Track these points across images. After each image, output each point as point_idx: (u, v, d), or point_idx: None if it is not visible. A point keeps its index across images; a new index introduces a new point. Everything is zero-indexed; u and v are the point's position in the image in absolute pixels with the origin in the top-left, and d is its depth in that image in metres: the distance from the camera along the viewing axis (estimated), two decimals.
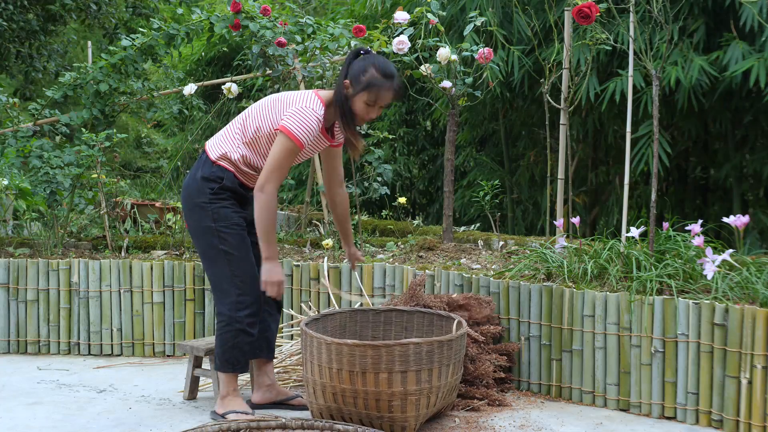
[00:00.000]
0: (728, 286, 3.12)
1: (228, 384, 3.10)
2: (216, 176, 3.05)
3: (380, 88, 2.94)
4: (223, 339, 3.06)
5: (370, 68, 2.94)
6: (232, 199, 3.08)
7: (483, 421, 3.09)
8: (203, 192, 3.04)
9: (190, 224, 3.10)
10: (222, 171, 3.05)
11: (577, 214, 6.19)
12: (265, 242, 2.96)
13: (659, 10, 3.62)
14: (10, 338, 4.23)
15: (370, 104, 2.96)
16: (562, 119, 4.13)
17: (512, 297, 3.54)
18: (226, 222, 3.04)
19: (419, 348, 2.85)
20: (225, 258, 3.03)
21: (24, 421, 3.14)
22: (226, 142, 3.08)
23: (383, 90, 2.95)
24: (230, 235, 3.04)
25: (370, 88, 2.93)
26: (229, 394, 3.09)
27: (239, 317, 3.03)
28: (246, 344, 3.07)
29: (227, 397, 3.09)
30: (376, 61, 2.97)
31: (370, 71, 2.94)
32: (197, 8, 6.80)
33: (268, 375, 3.30)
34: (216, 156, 3.07)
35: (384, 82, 2.94)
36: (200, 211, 3.05)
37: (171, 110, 5.66)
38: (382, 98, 2.97)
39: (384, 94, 2.96)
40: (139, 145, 13.58)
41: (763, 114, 5.29)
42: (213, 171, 3.05)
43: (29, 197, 5.49)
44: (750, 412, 2.90)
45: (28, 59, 8.92)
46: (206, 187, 3.05)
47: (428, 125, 8.21)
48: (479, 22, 4.58)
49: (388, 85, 2.95)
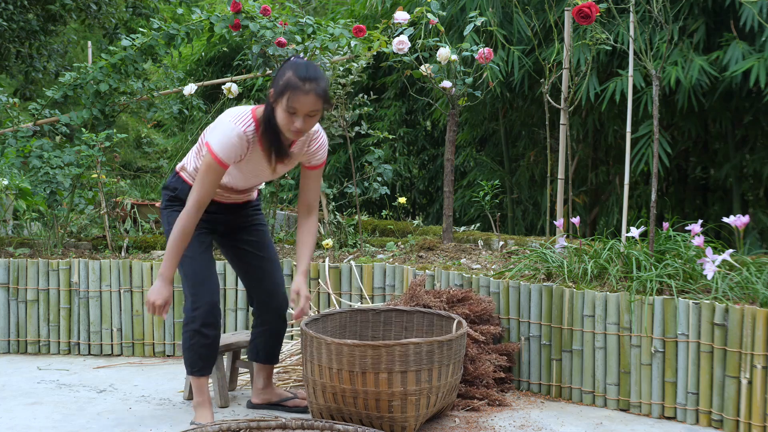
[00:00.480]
0: (728, 286, 3.12)
1: (196, 390, 3.06)
2: (172, 185, 3.07)
3: (295, 91, 2.64)
4: (182, 340, 3.06)
5: (288, 71, 2.69)
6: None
7: (483, 421, 3.09)
8: (163, 199, 3.11)
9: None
10: (179, 182, 3.06)
11: (577, 214, 6.19)
12: (165, 257, 2.83)
13: (659, 10, 3.62)
14: (10, 338, 4.23)
15: (290, 112, 2.68)
16: (562, 119, 4.13)
17: (512, 297, 3.54)
18: None
19: (419, 348, 2.85)
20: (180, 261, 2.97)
21: (24, 421, 3.14)
22: (190, 153, 3.07)
23: (299, 94, 2.64)
24: None
25: (284, 92, 2.66)
26: (198, 403, 3.04)
27: (193, 317, 2.97)
28: (201, 347, 3.00)
29: (197, 406, 3.05)
30: (297, 64, 2.71)
31: (287, 74, 2.68)
32: (197, 8, 6.80)
33: (263, 379, 3.27)
34: (179, 167, 3.10)
35: (299, 84, 2.64)
36: (162, 218, 3.11)
37: (171, 110, 5.67)
38: (299, 103, 2.65)
39: (301, 98, 2.65)
40: (139, 145, 13.58)
41: (763, 114, 5.29)
42: (171, 180, 3.09)
43: (29, 197, 5.49)
44: (750, 412, 2.90)
45: (28, 59, 8.92)
46: (164, 194, 3.10)
47: (428, 125, 8.21)
48: (479, 22, 4.58)
49: (305, 88, 2.64)
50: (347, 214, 5.51)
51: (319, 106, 2.70)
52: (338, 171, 8.00)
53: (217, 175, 2.79)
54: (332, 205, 5.50)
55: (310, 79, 2.66)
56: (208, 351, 3.02)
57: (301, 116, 2.69)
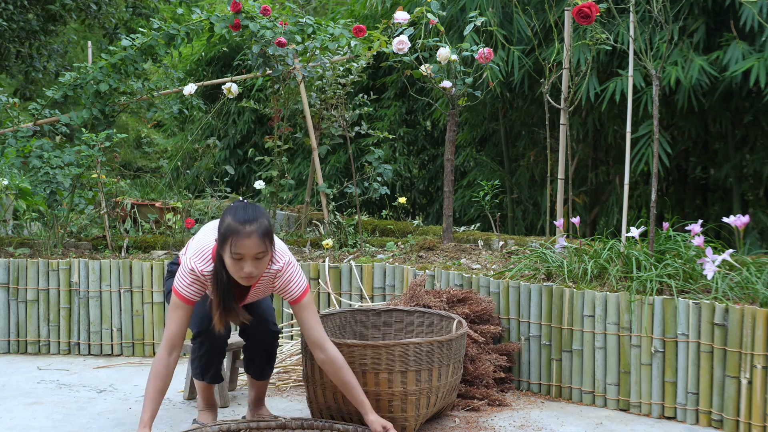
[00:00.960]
0: (728, 286, 3.12)
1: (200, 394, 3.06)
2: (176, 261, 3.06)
3: (235, 236, 2.55)
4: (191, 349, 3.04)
5: (228, 217, 2.61)
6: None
7: (483, 421, 3.09)
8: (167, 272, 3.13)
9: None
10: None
11: (577, 214, 6.19)
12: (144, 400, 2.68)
13: (659, 10, 3.62)
14: (10, 338, 4.23)
15: (236, 258, 2.58)
16: (562, 119, 4.13)
17: (512, 297, 3.54)
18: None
19: (419, 348, 2.85)
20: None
21: (24, 421, 3.14)
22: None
23: (240, 237, 2.55)
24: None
25: (227, 238, 2.58)
26: (201, 408, 3.06)
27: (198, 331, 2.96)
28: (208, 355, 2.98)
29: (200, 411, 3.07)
30: (235, 208, 2.63)
31: (226, 220, 2.60)
32: (197, 8, 6.80)
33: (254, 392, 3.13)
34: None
35: (239, 228, 2.56)
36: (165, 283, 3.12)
37: (171, 110, 5.66)
38: (242, 247, 2.56)
39: (242, 241, 2.56)
40: (139, 145, 13.58)
41: (763, 114, 5.29)
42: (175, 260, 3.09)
43: (29, 197, 5.49)
44: (750, 412, 2.90)
45: (28, 59, 8.92)
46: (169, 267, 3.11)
47: (428, 125, 8.21)
48: (479, 22, 4.58)
49: (246, 231, 2.55)
50: (347, 214, 5.51)
51: (264, 247, 2.60)
52: (338, 171, 8.00)
53: (185, 312, 2.71)
54: (332, 204, 5.50)
55: (249, 221, 2.58)
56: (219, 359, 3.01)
57: (248, 260, 2.60)
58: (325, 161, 7.87)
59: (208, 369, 2.99)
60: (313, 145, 5.23)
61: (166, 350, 2.69)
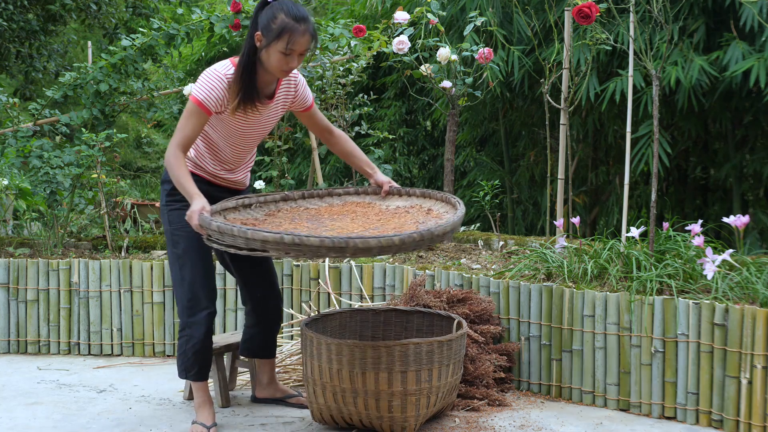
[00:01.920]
0: (728, 286, 3.12)
1: (196, 392, 3.08)
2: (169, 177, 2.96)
3: (293, 33, 2.72)
4: (178, 344, 3.06)
5: (280, 14, 2.73)
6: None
7: (483, 421, 3.09)
8: (162, 195, 3.05)
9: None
10: None
11: (577, 214, 6.19)
12: (180, 191, 2.78)
13: (659, 10, 3.62)
14: (10, 338, 4.23)
15: (286, 53, 2.74)
16: (562, 119, 4.13)
17: (512, 297, 3.54)
18: (178, 224, 2.96)
19: (419, 348, 2.85)
20: (177, 262, 2.99)
21: (24, 421, 3.14)
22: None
23: (296, 34, 2.72)
24: (181, 238, 2.97)
25: (282, 34, 2.72)
26: (200, 405, 3.06)
27: (189, 323, 2.98)
28: (196, 352, 3.00)
29: (199, 407, 3.06)
30: (284, 5, 2.76)
31: (279, 17, 2.73)
32: (197, 8, 6.80)
33: (266, 373, 3.34)
34: None
35: (296, 26, 2.72)
36: (162, 215, 3.06)
37: (171, 110, 5.67)
38: (297, 44, 2.74)
39: (298, 39, 2.73)
40: (139, 145, 13.58)
41: (763, 114, 5.29)
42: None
43: (29, 197, 5.49)
44: (750, 412, 2.90)
45: (28, 59, 8.91)
46: (163, 189, 3.04)
47: (428, 125, 8.21)
48: (479, 22, 4.58)
49: (302, 29, 2.73)
50: None
51: (312, 45, 2.81)
52: (338, 171, 8.00)
53: (199, 120, 2.78)
54: None
55: (305, 19, 2.75)
56: (203, 356, 3.04)
57: (296, 56, 2.77)
58: (325, 161, 7.87)
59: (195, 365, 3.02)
60: (313, 145, 5.23)
61: (180, 149, 2.76)
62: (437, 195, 3.01)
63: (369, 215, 2.94)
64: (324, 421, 3.02)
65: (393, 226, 2.75)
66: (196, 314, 2.96)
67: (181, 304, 2.99)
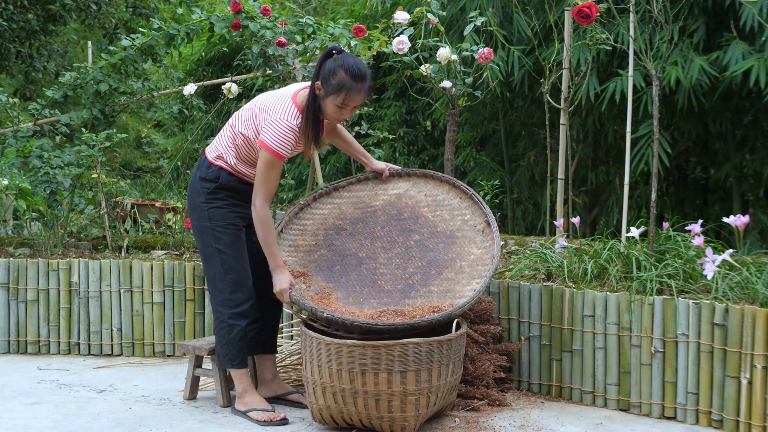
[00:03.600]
0: (728, 286, 3.12)
1: (240, 380, 3.20)
2: (212, 176, 3.17)
3: (349, 91, 2.97)
4: (219, 336, 3.19)
5: (340, 71, 2.96)
6: (230, 198, 3.18)
7: (483, 421, 3.09)
8: (200, 192, 3.18)
9: (192, 223, 3.24)
10: (218, 171, 3.17)
11: (577, 214, 6.19)
12: (267, 254, 3.07)
13: (659, 10, 3.62)
14: (10, 338, 4.23)
15: (340, 106, 3.00)
16: (562, 119, 4.13)
17: (512, 297, 3.54)
18: (221, 222, 3.15)
19: (419, 348, 2.85)
20: (219, 257, 3.14)
21: (24, 421, 3.14)
22: (221, 144, 3.19)
23: (353, 93, 2.97)
24: (224, 234, 3.15)
25: (339, 91, 2.96)
26: (245, 390, 3.19)
27: (231, 314, 3.14)
28: (240, 340, 3.17)
29: (245, 394, 3.19)
30: (346, 62, 2.98)
31: (339, 74, 2.96)
32: (197, 8, 6.80)
33: (269, 369, 3.39)
34: (213, 157, 3.19)
35: (353, 85, 2.97)
36: (198, 211, 3.19)
37: (171, 110, 5.67)
38: (352, 100, 2.99)
39: (354, 96, 2.98)
40: (139, 145, 13.58)
41: (763, 114, 5.29)
42: (210, 171, 3.18)
43: (29, 197, 5.49)
44: (750, 412, 2.90)
45: (28, 59, 8.91)
46: (203, 188, 3.18)
47: (428, 125, 8.21)
48: (479, 22, 4.58)
49: (357, 88, 2.98)
50: None
51: (366, 99, 3.06)
52: (338, 171, 8.00)
53: (280, 169, 3.04)
54: None
55: (362, 78, 2.98)
56: (246, 344, 3.21)
57: (349, 109, 3.03)
58: (325, 161, 7.87)
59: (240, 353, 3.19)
60: None
61: (267, 203, 3.03)
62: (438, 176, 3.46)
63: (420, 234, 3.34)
64: (324, 421, 3.02)
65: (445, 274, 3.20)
66: (242, 305, 3.15)
67: (222, 297, 3.15)
